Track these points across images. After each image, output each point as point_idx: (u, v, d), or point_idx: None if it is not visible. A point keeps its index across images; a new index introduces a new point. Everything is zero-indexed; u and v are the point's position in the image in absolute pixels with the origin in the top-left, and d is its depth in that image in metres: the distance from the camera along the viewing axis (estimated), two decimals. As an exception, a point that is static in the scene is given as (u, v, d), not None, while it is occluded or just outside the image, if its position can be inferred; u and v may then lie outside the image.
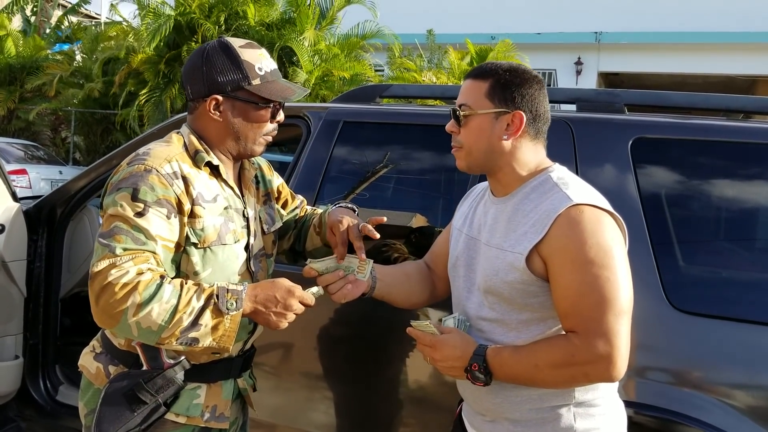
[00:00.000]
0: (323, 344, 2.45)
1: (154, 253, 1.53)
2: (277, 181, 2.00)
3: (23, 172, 11.13)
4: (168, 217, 1.56)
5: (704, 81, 15.93)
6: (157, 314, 1.46)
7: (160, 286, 1.48)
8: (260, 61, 1.71)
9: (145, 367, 1.63)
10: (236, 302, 1.54)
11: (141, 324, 1.46)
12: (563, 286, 1.44)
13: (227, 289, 1.55)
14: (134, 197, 1.54)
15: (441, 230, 2.42)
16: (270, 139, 1.77)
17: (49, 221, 3.21)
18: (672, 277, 1.98)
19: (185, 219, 1.60)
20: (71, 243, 3.39)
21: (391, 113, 2.65)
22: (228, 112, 1.69)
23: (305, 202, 2.13)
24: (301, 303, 1.61)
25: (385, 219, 1.85)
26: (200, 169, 1.67)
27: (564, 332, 1.48)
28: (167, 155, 1.63)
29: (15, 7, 17.85)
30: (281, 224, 1.95)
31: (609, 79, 17.17)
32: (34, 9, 18.56)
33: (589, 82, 15.83)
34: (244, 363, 1.83)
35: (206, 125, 1.71)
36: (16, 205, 3.02)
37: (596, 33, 15.55)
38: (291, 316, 1.61)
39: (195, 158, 1.68)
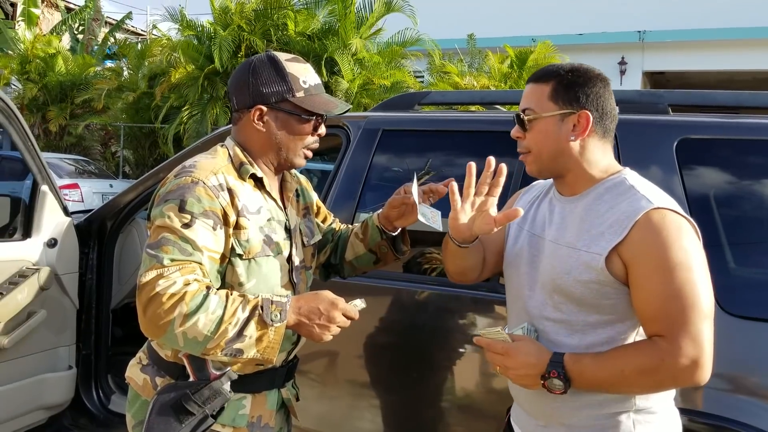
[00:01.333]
0: (368, 352, 2.45)
1: (200, 263, 1.55)
2: (314, 196, 2.03)
3: (75, 186, 11.45)
4: (214, 229, 1.58)
5: (753, 78, 15.48)
6: (203, 325, 1.47)
7: (206, 296, 1.50)
8: (305, 74, 1.74)
9: (191, 379, 1.64)
10: (280, 314, 1.55)
11: (187, 334, 1.47)
12: (649, 291, 1.41)
13: (272, 301, 1.56)
14: (181, 209, 1.56)
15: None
16: (310, 153, 1.79)
17: (99, 234, 3.30)
18: (723, 280, 1.92)
19: (230, 230, 1.62)
20: (121, 255, 3.48)
21: (429, 120, 2.65)
22: (271, 123, 1.71)
23: (338, 220, 2.15)
24: (345, 316, 1.60)
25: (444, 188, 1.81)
26: (245, 181, 1.70)
27: (644, 338, 1.46)
28: (213, 167, 1.65)
29: (64, 27, 18.44)
30: (320, 237, 1.97)
31: (654, 78, 16.85)
32: (81, 28, 19.14)
33: (633, 82, 15.56)
34: (288, 373, 1.84)
35: (250, 136, 1.74)
36: (68, 219, 3.11)
37: (640, 32, 15.28)
38: (335, 329, 1.60)
39: (240, 170, 1.70)
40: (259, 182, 1.74)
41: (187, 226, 1.55)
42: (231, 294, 1.55)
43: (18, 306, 2.76)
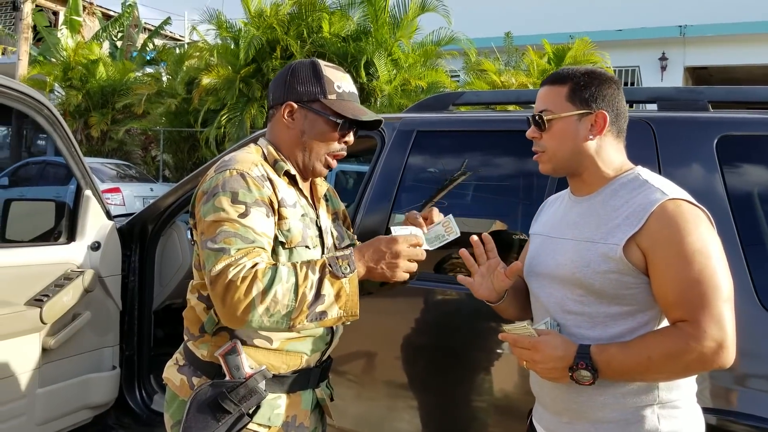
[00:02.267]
0: (404, 353, 2.46)
1: (263, 248, 1.58)
2: (342, 205, 2.05)
3: (117, 190, 11.69)
4: (267, 216, 1.62)
5: (800, 71, 15.08)
6: (282, 295, 1.51)
7: (276, 269, 1.53)
8: (341, 80, 1.78)
9: (227, 378, 1.66)
10: (349, 265, 1.58)
11: (270, 309, 1.50)
12: (669, 278, 1.43)
13: (336, 257, 1.60)
14: (234, 200, 1.58)
15: (520, 235, 2.40)
16: (334, 163, 1.80)
17: (141, 237, 3.37)
18: (764, 278, 1.89)
19: (275, 219, 1.66)
20: (162, 257, 3.54)
21: (463, 121, 2.64)
22: (300, 121, 1.75)
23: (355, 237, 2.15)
24: (411, 246, 1.62)
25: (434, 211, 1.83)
26: (279, 177, 1.73)
27: (667, 325, 1.48)
28: (252, 160, 1.69)
29: (104, 34, 18.86)
30: (350, 242, 1.98)
31: (696, 73, 16.50)
32: (120, 34, 19.54)
33: (675, 77, 15.26)
34: (322, 373, 1.86)
35: (279, 132, 1.78)
36: (110, 223, 3.18)
37: (681, 26, 14.98)
38: (405, 264, 1.62)
39: (275, 167, 1.74)
40: (292, 179, 1.77)
41: (243, 215, 1.58)
42: (293, 264, 1.59)
43: (64, 308, 2.83)
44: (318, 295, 1.54)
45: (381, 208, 2.52)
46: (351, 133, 1.80)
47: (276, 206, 1.66)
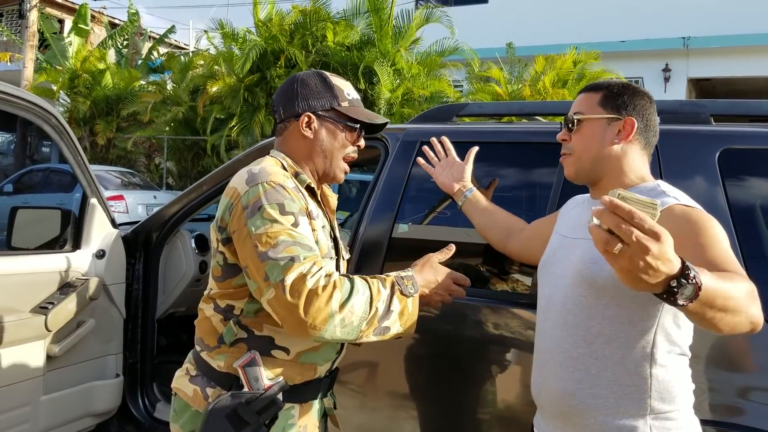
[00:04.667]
0: (408, 363, 2.46)
1: (319, 257, 1.61)
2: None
3: (120, 198, 11.72)
4: (310, 225, 1.67)
5: (805, 83, 15.08)
6: (358, 306, 1.54)
7: (352, 280, 1.58)
8: (348, 88, 1.85)
9: (246, 389, 1.65)
10: (413, 285, 1.67)
11: (345, 320, 1.53)
12: (704, 262, 1.33)
13: (401, 276, 1.67)
14: (282, 211, 1.60)
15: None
16: (348, 168, 1.86)
17: (145, 245, 3.38)
18: (767, 290, 1.89)
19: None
20: (166, 266, 3.56)
21: (467, 132, 2.66)
22: (319, 131, 1.79)
23: None
24: (457, 283, 1.79)
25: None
26: (302, 188, 1.75)
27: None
28: (282, 172, 1.72)
29: (110, 42, 18.95)
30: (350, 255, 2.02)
31: (700, 85, 16.49)
32: (126, 42, 19.63)
33: (678, 89, 15.26)
34: (330, 383, 1.88)
35: (296, 144, 1.80)
36: (115, 231, 3.20)
37: (684, 38, 14.99)
38: (448, 298, 1.79)
39: (297, 179, 1.76)
40: (311, 191, 1.79)
41: (295, 225, 1.60)
42: (363, 276, 1.64)
43: (68, 315, 2.85)
44: (387, 311, 1.60)
45: (384, 217, 2.53)
46: (362, 137, 1.86)
47: (309, 218, 1.69)
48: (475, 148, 2.32)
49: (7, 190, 12.59)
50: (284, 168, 1.76)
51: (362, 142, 1.86)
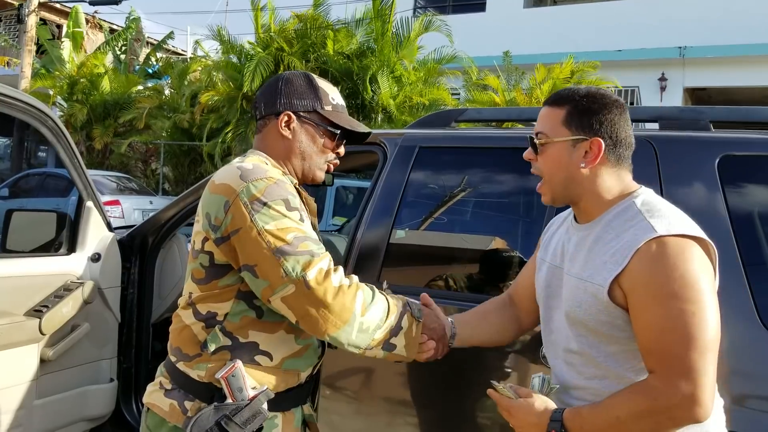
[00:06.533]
0: (404, 368, 2.45)
1: (329, 254, 1.60)
2: None
3: (116, 203, 11.68)
4: (309, 222, 1.66)
5: (801, 94, 15.14)
6: (376, 313, 1.55)
7: (372, 287, 1.58)
8: (334, 93, 1.80)
9: (229, 400, 1.59)
10: (419, 312, 1.67)
11: (364, 324, 1.53)
12: (645, 322, 1.37)
13: (411, 301, 1.67)
14: (288, 207, 1.58)
15: (518, 255, 2.40)
16: (331, 167, 1.83)
17: (141, 249, 3.36)
18: (766, 298, 1.88)
19: None
20: (161, 270, 3.53)
21: (466, 137, 2.65)
22: (297, 132, 1.75)
23: None
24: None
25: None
26: None
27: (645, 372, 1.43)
28: (274, 169, 1.69)
29: (107, 47, 18.95)
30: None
31: (696, 94, 16.56)
32: (124, 48, 19.64)
33: (674, 98, 15.30)
34: (310, 389, 1.85)
35: (274, 143, 1.76)
36: (111, 234, 3.18)
37: (680, 47, 15.04)
38: (432, 354, 1.73)
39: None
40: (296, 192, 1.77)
41: (302, 220, 1.59)
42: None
43: (63, 319, 2.82)
44: (399, 326, 1.60)
45: (382, 223, 2.52)
46: (343, 145, 1.82)
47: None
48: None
49: (3, 194, 12.54)
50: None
51: (342, 150, 1.82)
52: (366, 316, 1.52)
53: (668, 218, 1.42)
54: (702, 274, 1.36)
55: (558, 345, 1.60)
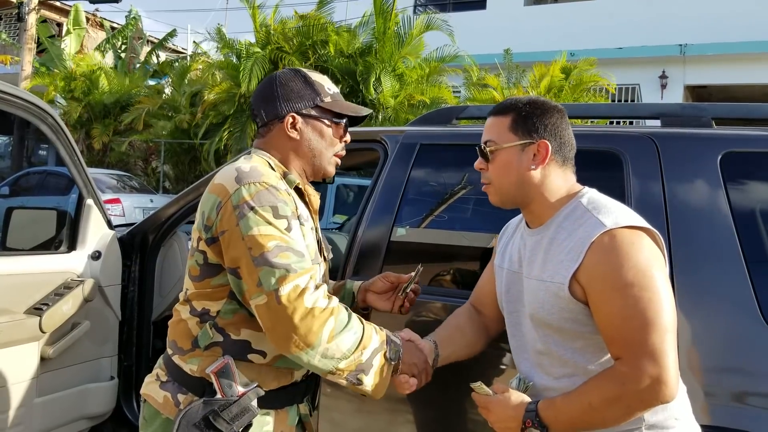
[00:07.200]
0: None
1: (314, 269, 1.58)
2: None
3: (117, 201, 11.69)
4: (301, 230, 1.62)
5: (801, 91, 15.13)
6: (345, 343, 1.51)
7: (350, 314, 1.54)
8: (327, 82, 1.81)
9: (219, 395, 1.60)
10: (396, 354, 1.62)
11: (328, 351, 1.49)
12: (605, 313, 1.44)
13: (391, 339, 1.63)
14: (276, 215, 1.56)
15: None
16: (339, 161, 1.82)
17: (141, 247, 3.35)
18: (768, 294, 1.88)
19: None
20: (162, 268, 3.53)
21: (467, 134, 2.64)
22: (304, 130, 1.75)
23: None
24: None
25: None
26: (291, 189, 1.71)
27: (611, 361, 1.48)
28: (273, 173, 1.67)
29: (108, 45, 18.93)
30: (332, 255, 1.98)
31: (696, 92, 16.55)
32: (124, 46, 19.62)
33: (674, 96, 15.30)
34: (307, 388, 1.84)
35: (282, 145, 1.76)
36: (111, 232, 3.18)
37: (681, 45, 15.03)
38: (413, 386, 1.69)
39: (285, 179, 1.71)
40: (298, 192, 1.75)
41: (288, 229, 1.56)
42: (359, 317, 1.60)
43: (63, 317, 2.82)
44: (370, 363, 1.56)
45: (383, 221, 2.51)
46: (348, 133, 1.82)
47: (299, 221, 1.65)
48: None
49: (3, 192, 12.54)
50: (272, 168, 1.72)
51: (348, 137, 1.83)
52: (332, 344, 1.49)
53: (614, 213, 1.50)
54: (653, 262, 1.44)
55: (525, 348, 1.65)
